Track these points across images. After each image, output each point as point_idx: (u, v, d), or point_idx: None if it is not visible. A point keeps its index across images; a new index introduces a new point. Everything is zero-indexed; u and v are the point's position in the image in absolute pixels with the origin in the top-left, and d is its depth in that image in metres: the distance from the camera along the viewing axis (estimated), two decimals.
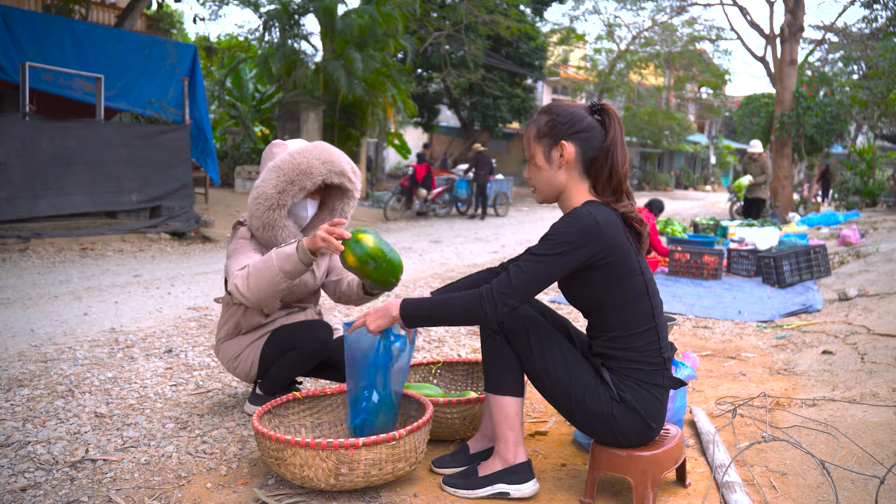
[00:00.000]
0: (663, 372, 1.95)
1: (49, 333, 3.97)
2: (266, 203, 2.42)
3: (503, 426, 2.01)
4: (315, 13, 14.62)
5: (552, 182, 1.97)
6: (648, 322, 1.93)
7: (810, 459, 2.24)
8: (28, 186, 7.49)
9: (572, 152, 1.93)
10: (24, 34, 8.02)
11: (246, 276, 2.28)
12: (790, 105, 14.28)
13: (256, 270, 2.26)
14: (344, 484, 1.96)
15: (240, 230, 2.55)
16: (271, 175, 2.43)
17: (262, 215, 2.43)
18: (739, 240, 7.87)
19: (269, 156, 2.57)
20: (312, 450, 1.92)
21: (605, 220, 1.85)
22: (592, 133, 1.93)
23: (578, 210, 1.87)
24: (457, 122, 25.23)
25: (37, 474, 2.14)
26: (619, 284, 1.88)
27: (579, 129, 1.93)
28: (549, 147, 1.96)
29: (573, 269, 1.86)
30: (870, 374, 3.15)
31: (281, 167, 2.43)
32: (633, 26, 27.54)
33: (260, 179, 2.47)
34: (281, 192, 2.42)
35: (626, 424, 1.90)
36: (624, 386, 1.90)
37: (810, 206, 16.01)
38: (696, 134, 38.21)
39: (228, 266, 2.45)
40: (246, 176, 15.41)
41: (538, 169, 1.99)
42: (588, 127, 1.93)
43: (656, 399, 1.92)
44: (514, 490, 2.01)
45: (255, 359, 2.61)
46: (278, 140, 2.61)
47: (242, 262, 2.39)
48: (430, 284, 6.04)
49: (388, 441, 1.95)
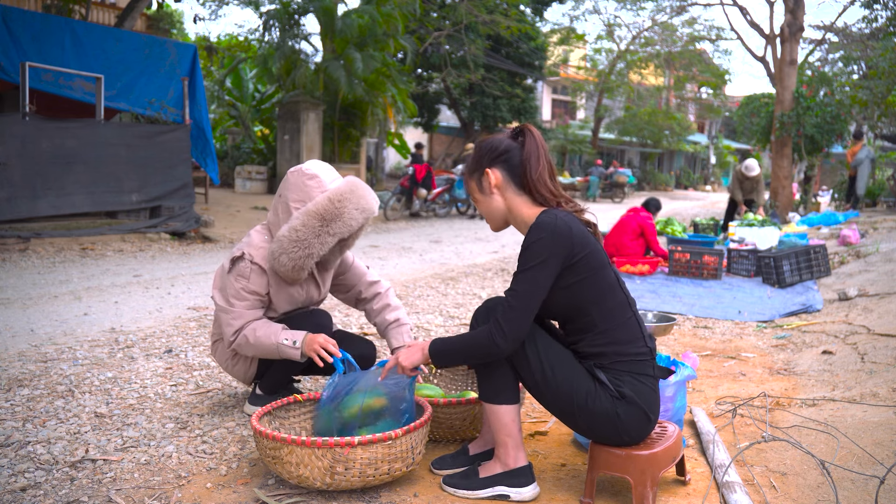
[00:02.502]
0: (651, 362, 1.98)
1: (49, 333, 3.97)
2: (306, 251, 2.38)
3: (501, 433, 2.02)
4: (315, 13, 14.63)
5: (493, 208, 2.08)
6: (626, 312, 1.97)
7: (810, 459, 2.24)
8: (28, 186, 7.49)
9: (499, 176, 2.05)
10: (24, 34, 8.02)
11: (247, 345, 2.46)
12: (790, 105, 14.27)
13: (259, 346, 2.44)
14: (340, 483, 1.96)
15: (239, 266, 2.46)
16: (313, 223, 2.37)
17: (298, 260, 2.40)
18: (739, 240, 7.87)
19: (301, 187, 2.43)
20: (308, 448, 1.92)
21: (569, 220, 1.93)
22: (511, 153, 2.05)
23: (540, 219, 1.93)
24: (457, 122, 25.23)
25: (37, 474, 2.14)
26: (595, 277, 1.93)
27: (498, 153, 2.06)
28: (479, 178, 2.09)
29: (558, 271, 1.90)
30: (870, 374, 3.15)
31: (324, 217, 2.37)
32: (633, 26, 27.57)
33: (300, 223, 2.37)
34: (322, 243, 2.40)
35: (630, 420, 1.91)
36: (620, 381, 1.92)
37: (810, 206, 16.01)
38: (696, 134, 38.20)
39: (223, 315, 2.48)
40: (246, 176, 15.42)
41: (478, 202, 2.12)
42: (506, 149, 2.06)
43: (651, 389, 1.95)
44: (514, 493, 2.01)
45: (253, 360, 2.62)
46: (308, 168, 2.47)
47: (238, 319, 2.45)
48: (430, 284, 6.04)
49: (385, 440, 1.95)
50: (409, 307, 5.01)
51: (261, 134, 18.66)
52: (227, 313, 2.47)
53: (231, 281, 2.47)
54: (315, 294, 2.67)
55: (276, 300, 2.54)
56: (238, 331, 2.45)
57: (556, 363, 1.93)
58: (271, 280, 2.49)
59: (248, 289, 2.46)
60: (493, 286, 6.08)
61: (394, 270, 6.91)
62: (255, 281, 2.46)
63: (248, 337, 2.43)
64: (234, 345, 2.48)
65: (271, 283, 2.50)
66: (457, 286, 6.00)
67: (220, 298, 2.51)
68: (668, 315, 3.02)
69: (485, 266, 7.37)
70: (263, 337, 2.42)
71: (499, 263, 7.60)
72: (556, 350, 1.96)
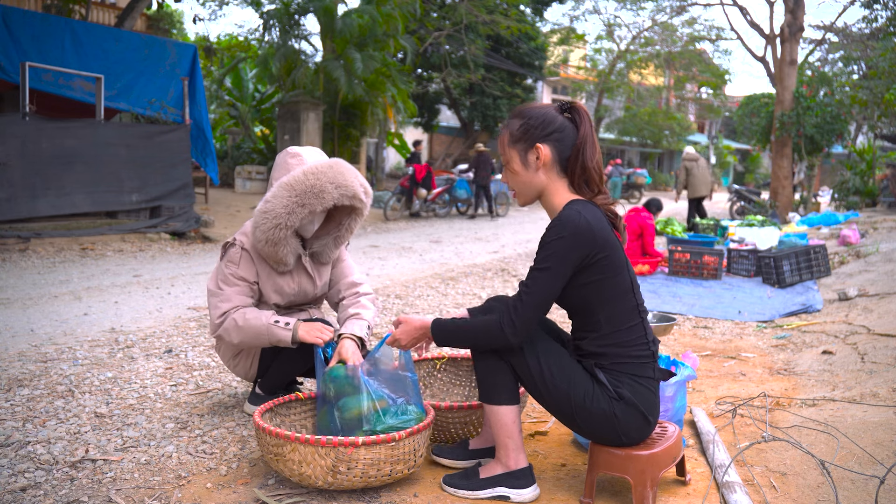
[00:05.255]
0: (653, 364, 1.97)
1: (49, 333, 3.97)
2: (274, 221, 2.37)
3: (502, 435, 2.01)
4: (315, 13, 14.62)
5: (531, 185, 1.99)
6: (634, 318, 1.95)
7: (810, 459, 2.24)
8: (28, 186, 7.49)
9: (548, 154, 1.95)
10: (24, 34, 8.02)
11: (235, 328, 2.42)
12: (790, 105, 14.27)
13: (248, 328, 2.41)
14: (342, 483, 1.96)
15: (230, 252, 2.48)
16: (283, 193, 2.36)
17: (268, 231, 2.38)
18: (739, 240, 7.87)
19: (284, 165, 2.46)
20: (312, 446, 1.92)
21: (593, 219, 1.88)
22: (565, 133, 1.95)
23: (565, 213, 1.88)
24: (457, 122, 25.23)
25: (37, 474, 2.14)
26: (609, 281, 1.90)
27: (552, 130, 1.95)
28: (525, 151, 1.97)
29: (574, 271, 1.87)
30: (870, 374, 3.15)
31: (294, 186, 2.36)
32: (633, 26, 27.52)
33: (271, 194, 2.38)
34: (290, 212, 2.36)
35: (628, 422, 1.90)
36: (619, 383, 1.91)
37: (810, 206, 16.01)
38: (696, 134, 38.18)
39: (212, 298, 2.47)
40: (246, 176, 15.41)
41: (515, 174, 2.00)
42: (561, 127, 1.95)
43: (651, 392, 1.94)
44: (514, 494, 2.01)
45: (255, 357, 2.62)
46: (294, 148, 2.50)
47: (226, 302, 2.43)
48: (430, 284, 6.04)
49: (388, 442, 1.95)
50: (409, 307, 5.01)
51: (261, 134, 18.66)
52: (215, 296, 2.46)
53: (222, 267, 2.49)
54: (309, 288, 2.63)
55: (265, 290, 2.53)
56: (225, 313, 2.43)
57: (554, 364, 1.92)
58: (259, 268, 2.49)
59: (236, 274, 2.46)
60: (493, 286, 6.08)
61: (394, 270, 6.91)
62: (244, 267, 2.47)
63: (237, 320, 2.40)
64: (220, 328, 2.43)
65: (259, 271, 2.50)
66: (457, 286, 6.00)
67: (211, 284, 2.50)
68: (668, 315, 3.02)
69: (485, 266, 7.37)
70: (253, 319, 2.40)
71: (499, 263, 7.60)
72: (555, 351, 1.95)
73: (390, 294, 5.51)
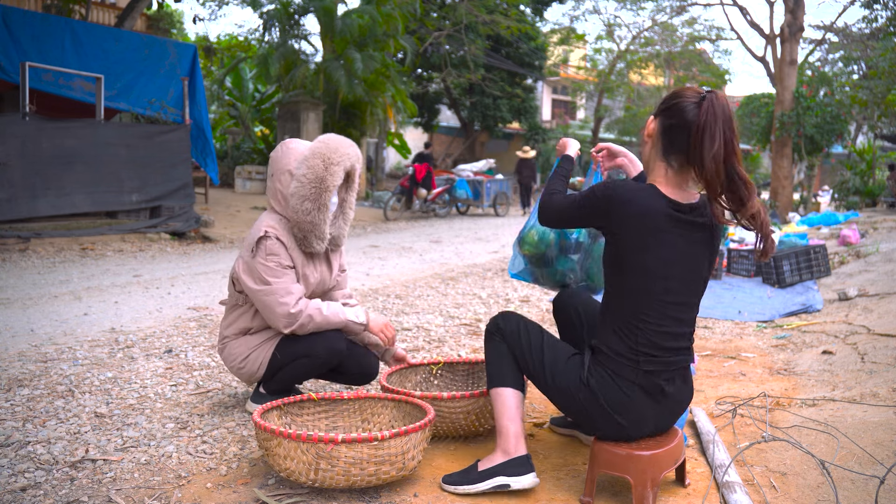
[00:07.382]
0: (635, 368, 1.88)
1: (49, 333, 3.97)
2: (322, 185, 2.42)
3: (504, 418, 2.03)
4: (315, 13, 14.63)
5: (644, 156, 1.98)
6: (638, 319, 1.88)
7: (810, 459, 2.24)
8: (28, 186, 7.49)
9: (653, 127, 1.91)
10: (24, 34, 8.03)
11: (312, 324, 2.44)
12: (790, 105, 14.27)
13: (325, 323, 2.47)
14: (325, 480, 1.96)
15: (267, 244, 2.43)
16: (316, 161, 2.43)
17: (320, 198, 2.43)
18: (739, 240, 7.87)
19: (287, 152, 2.52)
20: (294, 441, 1.94)
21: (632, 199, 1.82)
22: (683, 113, 1.80)
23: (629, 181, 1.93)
24: (457, 122, 25.24)
25: (37, 474, 2.14)
26: (621, 261, 1.89)
27: (668, 105, 1.86)
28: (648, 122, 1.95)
29: (592, 225, 1.99)
30: (870, 374, 3.15)
31: (318, 151, 2.45)
32: (633, 26, 27.48)
33: (305, 167, 2.43)
34: (332, 174, 2.44)
35: (591, 409, 1.93)
36: (593, 373, 1.92)
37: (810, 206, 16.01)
38: None
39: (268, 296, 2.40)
40: (246, 176, 15.41)
41: (642, 143, 1.99)
42: (680, 106, 1.82)
43: (622, 393, 1.89)
44: (513, 482, 2.01)
45: (265, 361, 2.57)
46: (287, 140, 2.59)
47: (289, 295, 2.41)
48: (430, 284, 6.04)
49: (370, 441, 1.94)
50: (409, 307, 5.01)
51: (261, 134, 18.67)
52: (271, 294, 2.40)
53: (261, 262, 2.43)
54: (327, 276, 2.68)
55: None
56: (298, 309, 2.41)
57: (537, 341, 2.04)
58: (293, 256, 2.51)
59: (282, 264, 2.45)
60: (492, 286, 6.08)
61: (394, 270, 6.91)
62: (284, 255, 2.47)
63: (314, 316, 2.44)
64: (296, 324, 2.42)
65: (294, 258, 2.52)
66: (457, 286, 6.00)
67: (254, 283, 2.42)
68: None
69: (485, 266, 7.37)
70: (332, 315, 2.48)
71: (499, 263, 7.60)
72: (545, 333, 2.08)
73: (390, 294, 5.51)
